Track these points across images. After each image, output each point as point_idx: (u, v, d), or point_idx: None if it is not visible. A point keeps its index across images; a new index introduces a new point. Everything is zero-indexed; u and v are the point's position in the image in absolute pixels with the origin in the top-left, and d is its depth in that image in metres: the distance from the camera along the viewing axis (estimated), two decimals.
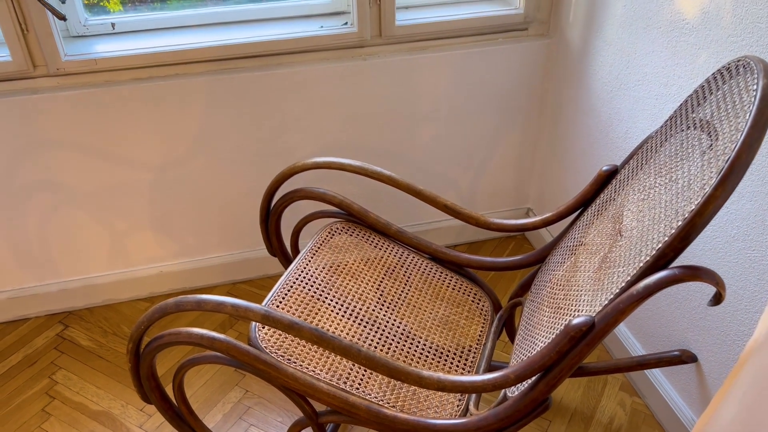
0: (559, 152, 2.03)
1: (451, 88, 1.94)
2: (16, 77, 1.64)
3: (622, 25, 1.61)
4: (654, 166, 1.16)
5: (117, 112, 1.72)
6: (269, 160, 1.93)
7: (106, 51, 1.67)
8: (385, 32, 1.82)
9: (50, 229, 1.86)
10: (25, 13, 1.55)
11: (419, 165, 2.08)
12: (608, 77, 1.70)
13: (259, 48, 1.76)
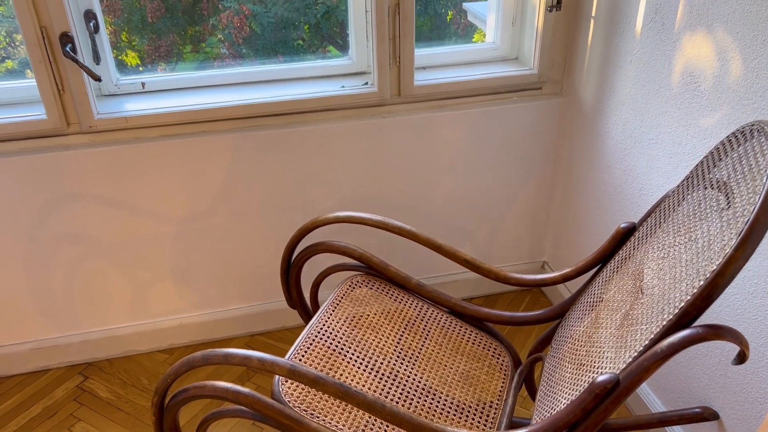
0: (574, 207, 2.06)
1: (467, 144, 2.00)
2: (51, 134, 1.70)
3: (634, 85, 1.66)
4: (672, 225, 1.19)
5: (145, 167, 1.78)
6: (290, 212, 1.97)
7: (137, 109, 1.73)
8: (404, 92, 1.89)
9: (75, 280, 1.90)
10: (62, 74, 1.63)
11: (436, 217, 2.11)
12: (622, 135, 1.74)
13: (283, 107, 1.82)
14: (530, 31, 1.93)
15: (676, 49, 1.49)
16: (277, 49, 5.16)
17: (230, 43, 4.93)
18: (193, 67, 5.82)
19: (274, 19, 4.74)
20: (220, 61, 5.33)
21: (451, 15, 5.05)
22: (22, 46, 5.26)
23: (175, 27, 5.08)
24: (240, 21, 4.74)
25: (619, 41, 1.70)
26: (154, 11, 4.89)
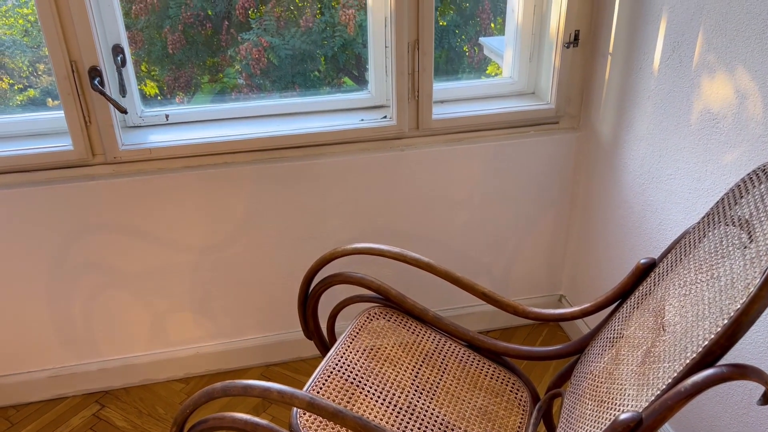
0: (591, 241, 2.06)
1: (484, 177, 2.01)
2: (76, 165, 1.74)
3: (652, 121, 1.67)
4: (694, 262, 1.19)
5: (167, 197, 1.81)
6: (308, 243, 1.99)
7: (160, 141, 1.77)
8: (423, 125, 1.91)
9: (94, 309, 1.91)
10: (89, 106, 1.67)
11: (453, 249, 2.12)
12: (640, 170, 1.75)
13: (303, 139, 1.85)
14: (547, 67, 1.95)
15: (694, 86, 1.50)
16: (294, 80, 5.23)
17: (248, 74, 5.02)
18: (210, 98, 5.91)
19: (291, 51, 4.82)
20: (238, 92, 5.42)
21: (467, 48, 5.11)
22: (44, 75, 5.34)
23: (194, 58, 5.18)
24: (258, 53, 4.82)
25: (636, 77, 1.71)
26: (175, 43, 5.00)
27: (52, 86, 5.39)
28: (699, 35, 1.46)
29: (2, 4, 5.17)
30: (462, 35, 5.07)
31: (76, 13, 1.55)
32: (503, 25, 5.13)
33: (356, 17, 4.74)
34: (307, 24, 4.72)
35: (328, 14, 4.72)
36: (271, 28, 4.73)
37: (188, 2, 4.78)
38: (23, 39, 5.13)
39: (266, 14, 4.74)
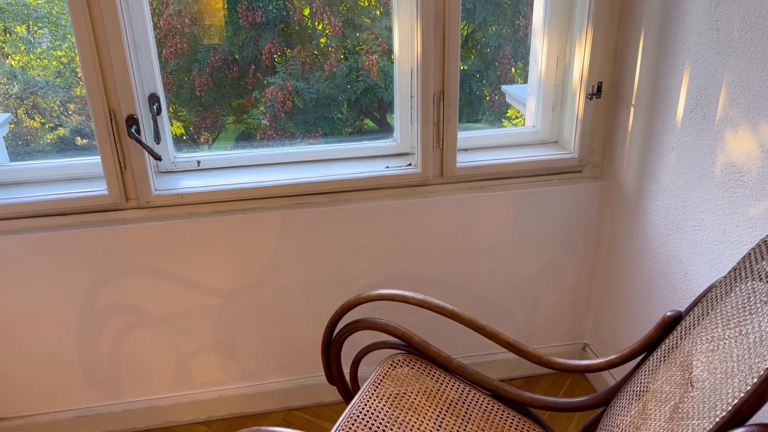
0: (616, 290, 2.05)
1: (508, 225, 2.03)
2: (110, 209, 1.79)
3: (676, 172, 1.69)
4: (721, 317, 1.19)
5: (197, 241, 1.85)
6: (332, 288, 2.01)
7: (192, 186, 1.82)
8: (447, 173, 1.94)
9: (122, 350, 1.94)
10: (125, 153, 1.73)
11: (476, 296, 2.12)
12: (664, 221, 1.76)
13: (330, 186, 1.89)
14: (570, 117, 1.98)
15: (717, 139, 1.52)
16: (317, 122, 5.33)
17: (272, 115, 5.14)
18: (234, 137, 6.03)
19: (316, 94, 4.93)
20: (262, 133, 5.52)
21: (488, 93, 5.18)
22: (75, 115, 5.49)
23: (221, 100, 5.31)
24: (283, 96, 4.94)
25: (660, 129, 1.74)
26: (202, 85, 5.14)
27: (81, 125, 5.53)
28: (722, 90, 1.49)
29: (37, 47, 5.35)
30: (483, 80, 5.15)
31: (117, 65, 1.62)
32: (524, 70, 5.22)
33: (379, 62, 4.84)
34: (331, 69, 4.83)
35: (352, 59, 4.84)
36: (296, 72, 4.85)
37: (217, 47, 4.93)
38: (56, 80, 5.30)
39: (292, 59, 4.86)
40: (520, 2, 4.65)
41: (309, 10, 4.62)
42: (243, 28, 4.59)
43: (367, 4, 4.72)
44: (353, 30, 4.58)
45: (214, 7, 4.66)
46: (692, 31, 1.56)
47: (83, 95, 5.22)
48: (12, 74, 4.86)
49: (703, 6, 1.52)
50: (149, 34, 1.73)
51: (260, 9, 4.51)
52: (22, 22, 5.05)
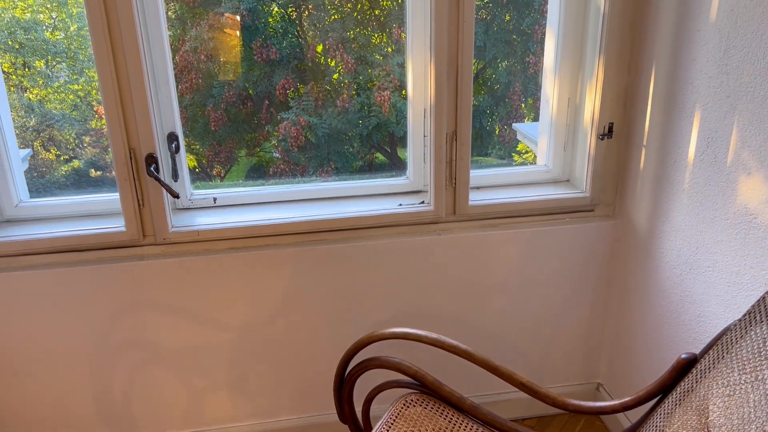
0: (629, 329, 2.04)
1: (520, 263, 2.03)
2: (127, 245, 1.82)
3: (688, 213, 1.70)
4: (737, 361, 1.18)
5: (211, 278, 1.87)
6: (345, 325, 2.01)
7: (208, 223, 1.84)
8: (459, 210, 1.96)
9: (135, 385, 1.95)
10: (144, 190, 1.76)
11: (489, 334, 2.12)
12: (677, 261, 1.76)
13: (344, 223, 1.91)
14: (582, 156, 2.00)
15: (729, 181, 1.53)
16: (329, 156, 5.37)
17: (284, 149, 5.18)
18: (246, 170, 6.05)
19: (328, 129, 4.98)
20: (275, 167, 5.56)
21: (498, 128, 5.21)
22: (89, 147, 5.55)
23: (234, 134, 5.38)
24: (296, 131, 5.00)
25: (671, 169, 1.75)
26: (217, 120, 5.21)
27: (96, 158, 5.60)
28: (733, 132, 1.50)
29: (55, 81, 5.46)
30: (493, 115, 5.19)
31: (138, 105, 1.67)
32: (534, 106, 5.27)
33: (391, 98, 4.91)
34: (343, 104, 4.90)
35: (364, 95, 4.91)
36: (309, 107, 4.92)
37: (231, 83, 5.02)
38: (72, 113, 5.39)
39: (305, 94, 4.94)
40: (530, 40, 4.72)
41: (322, 47, 4.71)
42: (257, 64, 4.68)
43: (379, 42, 4.81)
44: (365, 67, 4.66)
45: (230, 44, 4.76)
46: (702, 75, 1.59)
47: (99, 128, 5.31)
48: (30, 107, 4.96)
49: (712, 51, 1.54)
50: (169, 74, 1.78)
51: (274, 46, 4.60)
52: (41, 57, 5.17)
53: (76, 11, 5.15)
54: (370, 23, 4.72)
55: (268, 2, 4.57)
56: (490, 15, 4.71)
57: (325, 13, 4.58)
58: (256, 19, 4.53)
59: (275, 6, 4.61)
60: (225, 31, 4.65)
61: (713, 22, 1.53)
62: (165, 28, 1.73)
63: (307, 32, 4.67)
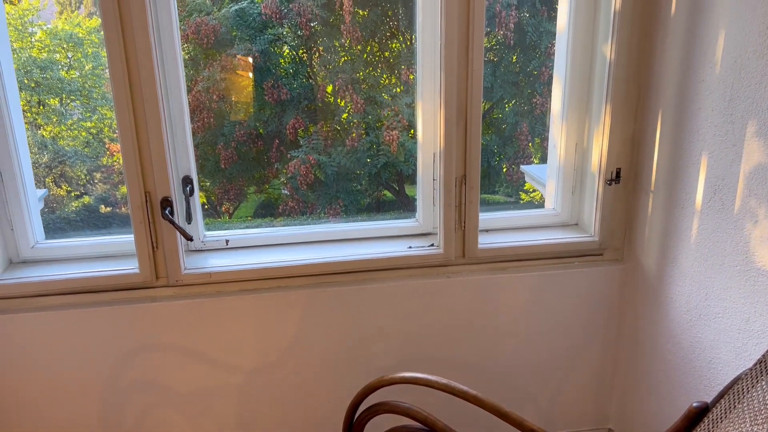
0: (640, 374, 2.03)
1: (529, 306, 2.04)
2: (140, 287, 1.84)
3: (697, 258, 1.71)
4: (749, 411, 1.18)
5: (223, 320, 1.88)
6: (354, 367, 2.01)
7: (221, 265, 1.86)
8: (468, 253, 1.97)
9: (144, 427, 1.94)
10: (158, 233, 1.79)
11: (499, 378, 2.11)
12: (686, 306, 1.76)
13: (353, 265, 1.92)
14: (590, 200, 2.02)
15: (737, 228, 1.54)
16: (337, 194, 5.41)
17: (293, 187, 5.23)
18: (255, 207, 6.05)
19: (337, 168, 5.04)
20: (284, 204, 5.60)
21: (505, 167, 5.25)
22: (100, 183, 5.60)
23: (244, 172, 5.43)
24: (306, 169, 5.05)
25: (679, 215, 1.77)
26: (227, 158, 5.28)
27: (106, 194, 5.65)
28: (740, 180, 1.52)
29: (69, 118, 5.55)
30: (501, 155, 5.23)
31: (155, 150, 1.70)
32: (541, 146, 5.31)
33: (399, 138, 4.97)
34: (352, 143, 4.96)
35: (373, 134, 4.97)
36: (318, 146, 4.99)
37: (242, 122, 5.10)
38: (84, 149, 5.47)
39: (315, 134, 5.01)
40: (537, 81, 4.80)
41: (332, 88, 4.80)
42: (268, 104, 4.77)
43: (388, 82, 4.89)
44: (374, 107, 4.74)
45: (242, 84, 4.85)
46: (708, 123, 1.62)
47: (110, 164, 5.38)
48: (43, 144, 5.04)
49: (717, 100, 1.57)
50: (185, 119, 1.82)
51: (285, 86, 4.69)
52: (56, 95, 5.28)
53: (92, 51, 5.27)
54: (379, 65, 4.81)
55: (280, 44, 4.68)
56: (497, 57, 4.80)
57: (335, 55, 4.68)
58: (267, 60, 4.64)
59: (287, 48, 4.72)
60: (237, 72, 4.75)
61: (717, 73, 1.57)
62: (182, 73, 1.78)
63: (318, 73, 4.77)
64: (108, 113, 5.15)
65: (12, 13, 4.67)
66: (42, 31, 5.03)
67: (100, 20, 4.52)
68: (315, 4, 4.37)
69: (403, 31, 4.74)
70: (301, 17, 4.42)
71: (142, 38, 1.62)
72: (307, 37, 4.60)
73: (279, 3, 4.42)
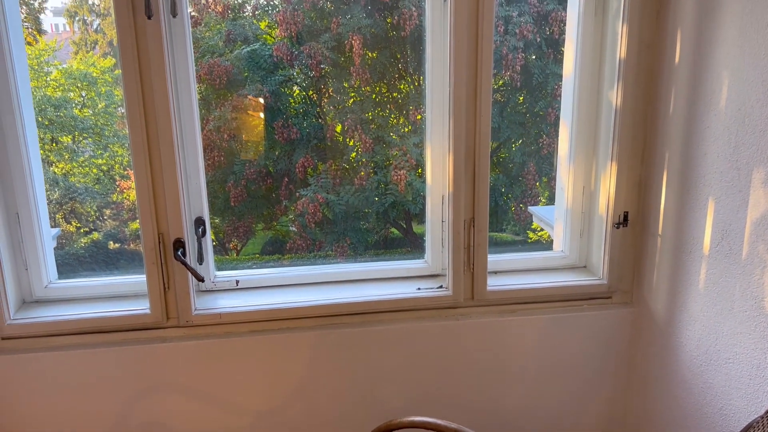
0: (651, 420, 2.01)
1: (539, 350, 2.03)
2: (150, 327, 1.85)
3: (706, 303, 1.71)
4: None
5: (231, 361, 1.88)
6: (363, 409, 2.00)
7: (231, 306, 1.88)
8: (477, 296, 1.98)
9: None
10: (170, 274, 1.81)
11: (509, 422, 2.09)
12: (696, 351, 1.76)
13: (362, 307, 1.93)
14: (598, 243, 2.03)
15: (745, 274, 1.55)
16: (345, 233, 5.44)
17: (301, 224, 5.25)
18: (263, 242, 6.07)
19: (345, 206, 5.07)
20: (291, 242, 5.61)
21: (513, 207, 5.27)
22: (109, 220, 5.64)
23: (254, 210, 5.47)
24: (314, 208, 5.09)
25: (687, 259, 1.77)
26: (237, 196, 5.33)
27: (115, 230, 5.68)
28: (746, 226, 1.54)
29: (80, 155, 5.63)
30: (508, 194, 5.26)
31: (170, 192, 1.74)
32: (548, 186, 5.33)
33: (407, 177, 5.01)
34: (361, 182, 5.01)
35: (381, 174, 5.02)
36: (327, 185, 5.04)
37: (252, 160, 5.16)
38: (95, 186, 5.53)
39: (323, 172, 5.06)
40: (543, 122, 4.86)
41: (341, 128, 4.87)
42: (278, 143, 4.84)
43: (396, 123, 4.96)
44: (383, 146, 4.80)
45: (252, 124, 4.93)
46: (713, 169, 1.64)
47: (119, 201, 5.44)
48: (54, 181, 5.11)
49: (722, 147, 1.60)
50: (199, 161, 1.86)
51: (295, 126, 4.77)
52: (69, 132, 5.38)
53: (105, 89, 5.38)
54: (388, 105, 4.89)
55: (290, 85, 4.78)
56: (504, 97, 4.87)
57: (344, 95, 4.76)
58: (278, 100, 4.72)
59: (297, 89, 4.81)
60: (248, 112, 4.83)
61: (722, 120, 1.59)
62: (197, 115, 1.82)
63: (327, 113, 4.85)
64: (119, 150, 5.24)
65: (29, 53, 4.80)
66: (57, 70, 5.15)
67: (114, 60, 4.63)
68: (325, 46, 4.46)
69: (411, 73, 4.83)
70: (312, 59, 4.52)
71: (159, 82, 1.66)
72: (317, 78, 4.69)
73: (290, 45, 4.52)
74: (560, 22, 4.46)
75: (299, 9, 4.55)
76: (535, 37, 4.52)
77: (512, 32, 4.54)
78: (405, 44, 4.61)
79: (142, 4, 1.60)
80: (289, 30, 4.52)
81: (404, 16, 4.39)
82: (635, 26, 1.81)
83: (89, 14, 5.46)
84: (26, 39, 4.81)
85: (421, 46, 1.96)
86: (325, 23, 4.55)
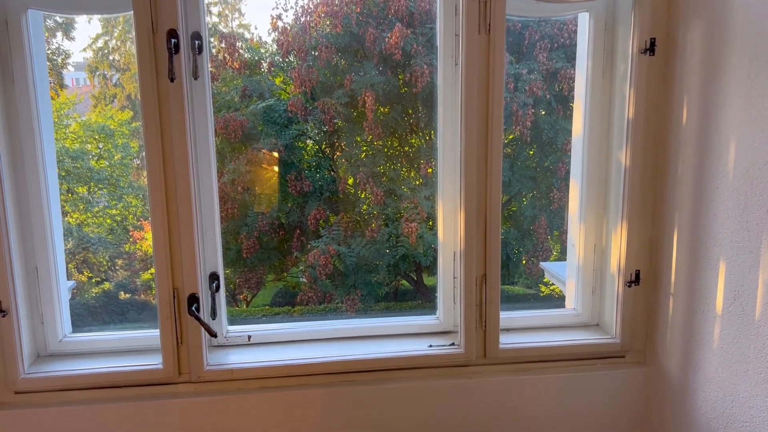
0: None
1: (552, 409, 2.01)
2: (162, 382, 1.85)
3: (721, 364, 1.69)
4: None
5: (242, 417, 1.87)
6: None
7: (242, 362, 1.88)
8: (490, 353, 1.97)
9: None
10: (183, 328, 1.82)
11: None
12: (712, 413, 1.73)
13: (373, 364, 1.93)
14: (611, 301, 2.03)
15: (759, 335, 1.54)
16: (355, 284, 5.44)
17: (312, 276, 5.26)
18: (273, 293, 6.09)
19: (356, 258, 5.09)
20: (302, 294, 5.61)
21: (525, 260, 5.27)
22: (121, 270, 5.68)
23: (265, 261, 5.49)
24: (325, 259, 5.10)
25: (700, 319, 1.77)
26: (249, 248, 5.35)
27: (126, 280, 5.72)
28: (759, 287, 1.54)
29: (95, 205, 5.71)
30: (519, 247, 5.26)
31: (186, 249, 1.77)
32: (559, 239, 5.33)
33: (418, 230, 5.04)
34: (372, 234, 5.04)
35: (392, 226, 5.05)
36: (338, 237, 5.07)
37: (265, 212, 5.22)
38: (108, 236, 5.59)
39: (335, 224, 5.11)
40: (554, 176, 4.90)
41: (353, 180, 4.94)
42: (291, 195, 4.90)
43: (407, 176, 5.02)
44: (394, 199, 4.85)
45: (265, 176, 5.01)
46: (724, 230, 1.65)
47: (132, 251, 5.49)
48: (68, 231, 5.18)
49: (732, 208, 1.61)
50: (215, 217, 1.90)
51: (308, 179, 4.84)
52: (84, 183, 5.48)
53: (122, 142, 5.51)
54: (399, 159, 4.97)
55: (304, 139, 4.87)
56: (514, 152, 4.94)
57: (357, 149, 4.85)
58: (292, 154, 4.81)
59: (310, 142, 4.90)
60: (262, 165, 4.92)
61: (731, 181, 1.62)
62: (215, 171, 1.87)
63: (340, 166, 4.93)
64: (133, 201, 5.32)
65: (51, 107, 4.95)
66: (76, 123, 5.29)
67: (131, 112, 4.76)
68: (339, 102, 4.57)
69: (422, 128, 4.92)
70: (326, 114, 4.62)
71: (179, 140, 1.71)
72: (330, 132, 4.79)
73: (305, 101, 4.63)
74: (569, 79, 4.56)
75: (314, 66, 4.69)
76: (544, 94, 4.61)
77: (522, 89, 4.63)
78: (416, 100, 4.72)
79: (165, 68, 1.67)
80: (304, 86, 4.64)
81: (416, 74, 4.51)
82: (642, 89, 1.86)
83: (109, 69, 5.63)
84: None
85: (433, 102, 2.01)
86: (338, 80, 4.67)
